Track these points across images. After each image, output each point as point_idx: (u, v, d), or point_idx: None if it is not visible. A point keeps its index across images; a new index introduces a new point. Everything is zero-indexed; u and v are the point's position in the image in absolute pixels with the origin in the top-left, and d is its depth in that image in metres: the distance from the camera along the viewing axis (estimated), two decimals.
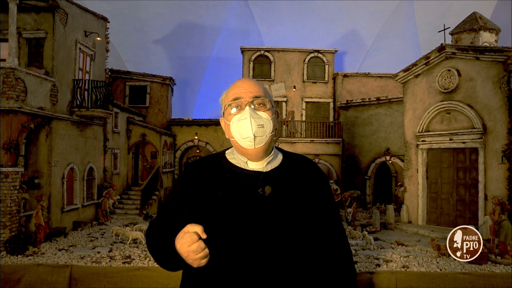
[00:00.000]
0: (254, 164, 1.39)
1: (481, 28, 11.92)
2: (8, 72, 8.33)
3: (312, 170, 1.47)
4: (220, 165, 1.42)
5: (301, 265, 1.31)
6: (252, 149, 1.33)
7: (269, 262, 1.27)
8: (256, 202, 1.31)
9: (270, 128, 1.35)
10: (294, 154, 1.51)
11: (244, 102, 1.35)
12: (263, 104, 1.37)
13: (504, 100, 9.58)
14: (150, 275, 3.20)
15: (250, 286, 1.26)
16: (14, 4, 8.70)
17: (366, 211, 15.31)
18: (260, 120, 1.33)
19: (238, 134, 1.34)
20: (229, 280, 1.26)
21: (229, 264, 1.27)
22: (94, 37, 12.21)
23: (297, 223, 1.32)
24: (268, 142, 1.35)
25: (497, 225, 8.05)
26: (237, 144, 1.37)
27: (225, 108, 1.41)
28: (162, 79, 18.94)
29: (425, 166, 11.55)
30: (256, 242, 1.27)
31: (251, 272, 1.26)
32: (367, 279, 3.30)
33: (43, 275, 3.23)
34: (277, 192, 1.34)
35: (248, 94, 1.36)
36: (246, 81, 1.41)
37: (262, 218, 1.30)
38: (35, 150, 9.77)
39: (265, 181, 1.34)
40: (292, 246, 1.30)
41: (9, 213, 8.18)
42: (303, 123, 17.90)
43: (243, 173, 1.37)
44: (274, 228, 1.29)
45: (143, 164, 16.97)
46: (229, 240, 1.27)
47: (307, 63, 19.19)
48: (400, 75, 12.38)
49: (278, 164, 1.42)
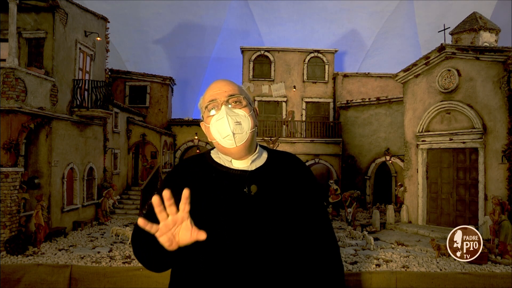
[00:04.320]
0: (238, 162, 1.39)
1: (481, 28, 11.92)
2: (8, 72, 8.33)
3: (297, 167, 1.47)
4: (206, 164, 1.42)
5: (288, 262, 1.32)
6: (234, 147, 1.34)
7: (256, 260, 1.27)
8: (242, 201, 1.31)
9: (248, 124, 1.35)
10: (279, 152, 1.52)
11: (219, 102, 1.36)
12: (239, 102, 1.38)
13: (504, 100, 9.58)
14: (150, 275, 3.20)
15: (238, 285, 1.26)
16: (14, 4, 8.70)
17: (366, 211, 15.31)
18: (237, 117, 1.34)
19: (218, 134, 1.34)
20: (217, 279, 1.27)
21: (217, 263, 1.27)
22: (94, 37, 12.21)
23: (283, 221, 1.32)
24: (249, 139, 1.36)
25: (497, 225, 8.05)
26: (219, 145, 1.38)
27: (203, 111, 1.42)
28: (162, 79, 18.94)
29: (425, 166, 11.55)
30: (243, 241, 1.28)
31: (238, 271, 1.26)
32: (367, 279, 3.30)
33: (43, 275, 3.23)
34: (263, 191, 1.34)
35: (222, 94, 1.37)
36: (220, 81, 1.42)
37: (249, 217, 1.30)
38: (35, 150, 9.77)
39: (251, 180, 1.35)
40: (279, 244, 1.30)
41: (9, 213, 8.18)
42: (303, 123, 17.90)
43: (229, 172, 1.38)
44: (260, 227, 1.29)
45: (143, 164, 16.97)
46: (215, 240, 1.27)
47: (307, 63, 19.19)
48: (400, 75, 12.38)
49: (263, 163, 1.42)
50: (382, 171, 16.96)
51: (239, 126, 1.33)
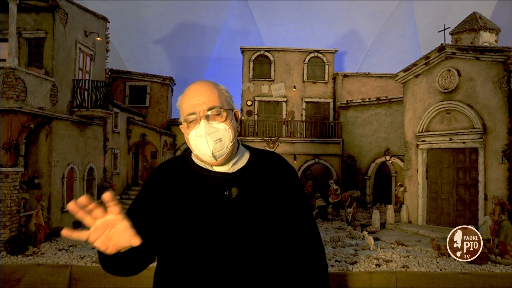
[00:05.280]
0: (219, 167, 1.36)
1: (481, 28, 11.92)
2: (8, 72, 8.33)
3: (280, 166, 1.44)
4: (186, 167, 1.39)
5: (270, 265, 1.30)
6: (213, 161, 1.31)
7: (237, 263, 1.26)
8: (223, 205, 1.29)
9: (229, 137, 1.31)
10: (261, 151, 1.48)
11: (199, 116, 1.30)
12: (219, 114, 1.31)
13: (504, 100, 9.58)
14: (150, 275, 3.20)
15: (220, 287, 1.25)
16: (14, 4, 8.70)
17: (366, 211, 15.31)
18: (217, 134, 1.29)
19: (197, 150, 1.31)
20: (198, 281, 1.26)
21: (197, 266, 1.26)
22: (94, 37, 12.21)
23: (265, 224, 1.31)
24: (229, 152, 1.32)
25: (497, 225, 8.04)
26: (198, 156, 1.35)
27: (182, 118, 1.36)
28: (162, 79, 18.94)
29: (425, 166, 11.54)
30: (223, 245, 1.26)
31: (219, 274, 1.25)
32: (367, 279, 3.30)
33: (43, 275, 3.22)
34: (244, 194, 1.32)
35: (201, 106, 1.29)
36: (199, 88, 1.33)
37: (229, 220, 1.28)
38: (35, 150, 9.77)
39: (232, 183, 1.33)
40: (260, 247, 1.29)
41: (9, 213, 8.18)
42: (303, 123, 17.91)
43: (210, 175, 1.35)
44: (241, 230, 1.28)
45: (143, 164, 16.97)
46: (196, 243, 1.26)
47: (307, 63, 19.19)
48: (400, 75, 12.38)
49: (244, 164, 1.39)
50: (382, 171, 16.96)
51: (219, 144, 1.28)
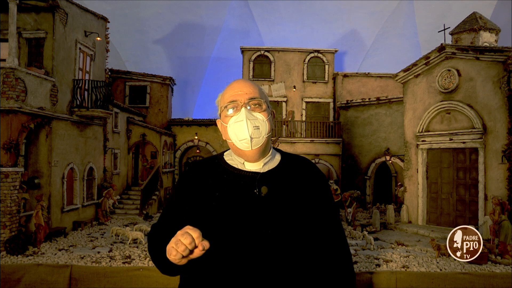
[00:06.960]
0: (251, 165, 1.40)
1: (481, 28, 11.92)
2: (8, 72, 8.33)
3: (311, 171, 1.47)
4: (218, 166, 1.43)
5: (298, 266, 1.31)
6: (249, 150, 1.35)
7: (265, 262, 1.27)
8: (252, 203, 1.32)
9: (266, 129, 1.36)
10: (292, 155, 1.52)
11: (240, 104, 1.36)
12: (258, 105, 1.38)
13: (504, 100, 9.58)
14: (150, 275, 3.20)
15: (247, 286, 1.26)
16: (14, 4, 8.69)
17: (366, 211, 15.31)
18: (256, 122, 1.35)
19: (235, 136, 1.35)
20: (226, 280, 1.27)
21: (226, 264, 1.27)
22: (94, 37, 12.21)
23: (293, 224, 1.32)
24: (264, 143, 1.36)
25: (497, 225, 8.05)
26: (234, 146, 1.39)
27: (221, 110, 1.42)
28: (162, 79, 18.93)
29: (425, 166, 11.54)
30: (251, 242, 1.28)
31: (247, 272, 1.26)
32: (367, 279, 3.30)
33: (43, 275, 3.22)
34: (274, 193, 1.34)
35: (243, 96, 1.37)
36: (242, 82, 1.42)
37: (258, 218, 1.30)
38: (35, 150, 9.77)
39: (262, 182, 1.35)
40: (287, 246, 1.30)
41: (9, 213, 8.18)
42: (303, 123, 17.91)
43: (240, 174, 1.38)
44: (269, 228, 1.29)
45: (143, 164, 16.96)
46: (225, 241, 1.28)
47: (307, 63, 19.19)
48: (400, 75, 12.38)
49: (275, 165, 1.42)
50: (382, 171, 16.96)
51: (257, 131, 1.34)
